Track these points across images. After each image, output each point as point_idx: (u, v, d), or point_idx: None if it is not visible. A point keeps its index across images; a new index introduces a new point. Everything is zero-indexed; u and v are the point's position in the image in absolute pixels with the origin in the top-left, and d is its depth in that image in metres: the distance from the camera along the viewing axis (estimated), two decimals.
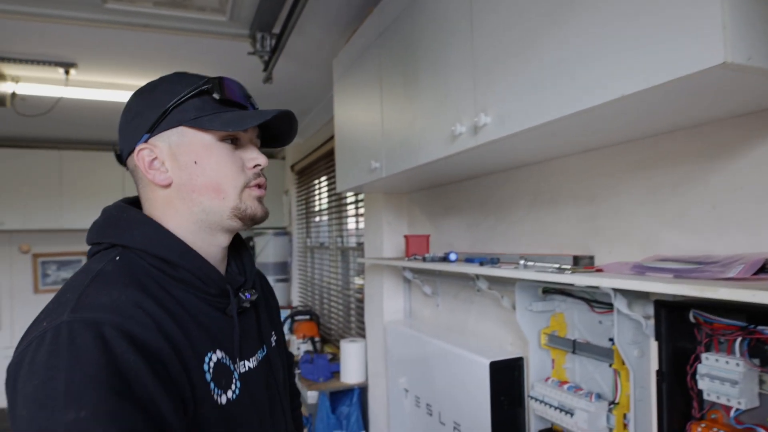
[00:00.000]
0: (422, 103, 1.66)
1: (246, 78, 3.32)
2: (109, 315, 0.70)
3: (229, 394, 0.83)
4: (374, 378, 2.93)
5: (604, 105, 0.98)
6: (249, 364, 0.92)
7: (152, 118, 0.85)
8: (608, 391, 1.46)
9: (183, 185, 0.87)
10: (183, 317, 0.80)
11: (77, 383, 0.64)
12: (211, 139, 0.87)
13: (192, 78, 0.90)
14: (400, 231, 2.74)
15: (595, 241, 1.51)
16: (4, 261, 5.42)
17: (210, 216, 0.88)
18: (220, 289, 0.88)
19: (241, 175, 0.89)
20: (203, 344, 0.82)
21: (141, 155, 0.86)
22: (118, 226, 0.85)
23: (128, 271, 0.79)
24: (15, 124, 4.43)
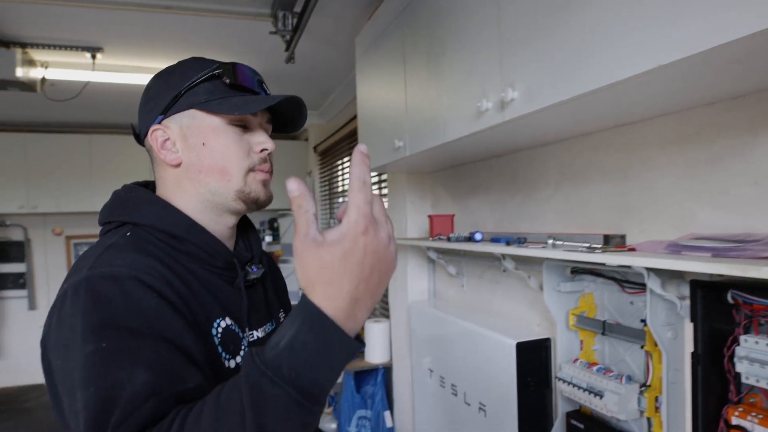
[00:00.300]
0: (447, 80, 1.61)
1: (268, 58, 3.31)
2: (124, 269, 0.73)
3: (237, 359, 0.85)
4: (398, 358, 2.93)
5: (640, 76, 0.93)
6: (258, 334, 0.95)
7: (166, 100, 0.89)
8: (639, 373, 1.42)
9: (191, 165, 0.90)
10: (193, 283, 0.83)
11: (96, 322, 0.67)
12: (220, 123, 0.89)
13: (206, 63, 0.92)
14: (423, 211, 2.71)
15: (627, 220, 1.46)
16: (39, 243, 5.55)
17: (216, 197, 0.91)
18: (227, 262, 0.91)
19: (247, 159, 0.91)
20: (212, 309, 0.84)
21: (154, 135, 0.90)
22: (127, 206, 0.89)
23: (139, 245, 0.82)
24: (46, 109, 4.49)
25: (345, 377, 2.95)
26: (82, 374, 0.65)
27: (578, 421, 1.55)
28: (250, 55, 3.23)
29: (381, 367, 3.03)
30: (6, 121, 4.95)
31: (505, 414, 1.79)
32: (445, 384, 2.24)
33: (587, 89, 1.04)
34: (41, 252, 5.55)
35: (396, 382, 2.98)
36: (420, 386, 2.53)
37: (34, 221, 5.51)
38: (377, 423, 2.91)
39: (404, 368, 2.83)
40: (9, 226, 5.43)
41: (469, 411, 2.03)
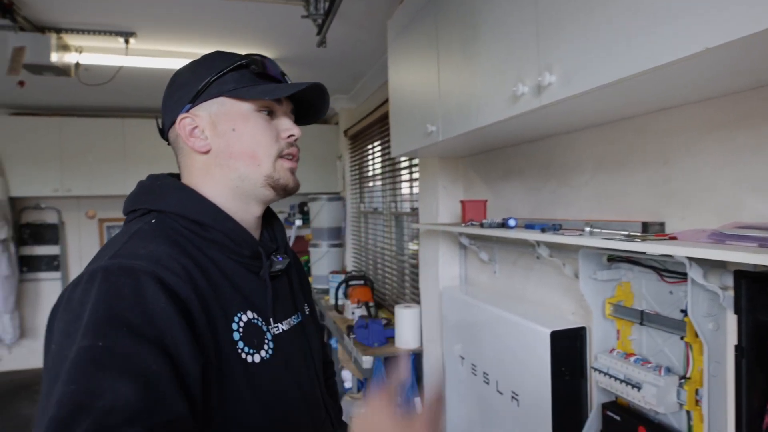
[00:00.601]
0: (481, 63, 1.58)
1: (299, 42, 3.30)
2: (144, 262, 0.73)
3: (262, 354, 0.85)
4: (429, 344, 2.93)
5: (685, 60, 0.89)
6: (283, 327, 0.94)
7: (194, 89, 0.90)
8: (678, 365, 1.38)
9: (221, 152, 0.91)
10: (215, 275, 0.83)
11: (100, 317, 0.66)
12: (248, 109, 0.91)
13: (231, 55, 0.94)
14: (455, 196, 2.68)
15: (667, 207, 1.41)
16: (73, 226, 5.69)
17: (245, 182, 0.91)
18: (253, 250, 0.91)
19: (275, 144, 0.92)
20: (234, 303, 0.84)
21: (183, 123, 0.90)
22: (152, 193, 0.89)
23: (164, 232, 0.82)
24: (80, 93, 4.58)
25: (375, 363, 2.96)
26: (69, 368, 0.63)
27: (614, 413, 1.52)
28: (282, 39, 3.23)
29: (411, 353, 3.03)
30: (41, 105, 5.06)
31: (538, 403, 1.77)
32: (476, 372, 2.22)
33: (629, 73, 1.00)
34: (75, 234, 5.69)
35: (426, 368, 2.98)
36: (451, 373, 2.52)
37: (68, 204, 5.64)
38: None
39: (435, 355, 2.83)
40: (44, 209, 5.57)
41: (501, 400, 2.01)
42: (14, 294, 5.25)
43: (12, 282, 5.22)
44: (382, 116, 3.87)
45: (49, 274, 5.60)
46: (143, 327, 0.67)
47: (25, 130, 5.04)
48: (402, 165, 3.68)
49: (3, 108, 5.14)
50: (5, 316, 5.21)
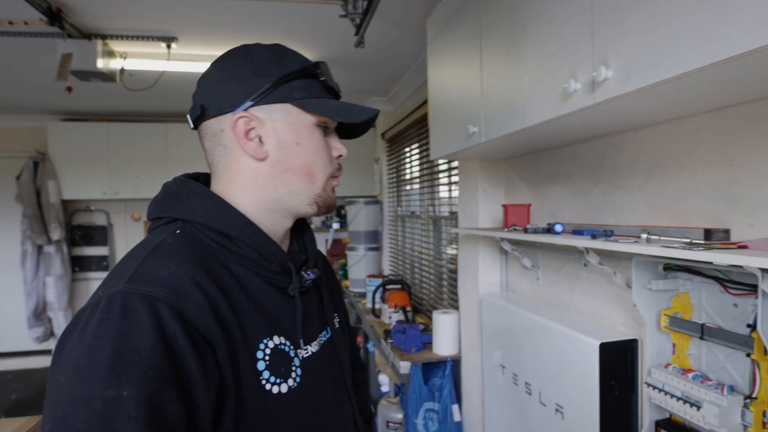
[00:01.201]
0: (529, 59, 1.50)
1: (338, 43, 3.26)
2: (165, 291, 0.67)
3: (289, 383, 0.79)
4: (468, 351, 2.84)
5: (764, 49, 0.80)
6: (311, 349, 0.88)
7: (259, 86, 0.82)
8: (743, 383, 1.28)
9: (279, 163, 0.84)
10: (240, 298, 0.77)
11: (125, 358, 0.61)
12: (312, 123, 0.85)
13: (294, 54, 0.87)
14: (497, 199, 2.60)
15: (732, 213, 1.31)
16: (120, 228, 5.83)
17: (293, 198, 0.86)
18: (282, 265, 0.84)
19: (330, 164, 0.89)
20: (259, 329, 0.78)
21: (238, 123, 0.82)
22: (178, 200, 0.82)
23: (188, 245, 0.76)
24: (126, 99, 4.67)
25: (413, 368, 2.90)
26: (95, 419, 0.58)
27: (669, 431, 1.42)
28: (319, 40, 3.20)
29: (449, 359, 2.96)
30: (90, 111, 5.19)
31: (585, 418, 1.67)
32: (518, 381, 2.14)
33: (697, 66, 0.90)
34: (122, 236, 5.82)
35: (465, 375, 2.90)
36: (491, 382, 2.44)
37: (116, 207, 5.78)
38: (445, 416, 2.85)
39: (474, 362, 2.74)
40: (93, 211, 5.73)
41: (544, 411, 1.92)
42: (67, 292, 5.42)
43: (65, 281, 5.39)
44: (420, 118, 3.81)
45: (98, 273, 5.76)
46: (168, 371, 0.63)
47: (75, 135, 5.20)
48: (440, 168, 3.61)
49: (55, 114, 5.30)
50: (59, 314, 5.37)
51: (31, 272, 5.23)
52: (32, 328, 5.29)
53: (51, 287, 5.30)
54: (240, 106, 0.82)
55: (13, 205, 5.22)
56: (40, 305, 5.31)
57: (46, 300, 5.34)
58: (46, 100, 4.73)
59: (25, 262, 5.21)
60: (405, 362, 2.90)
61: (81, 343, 0.63)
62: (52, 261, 5.29)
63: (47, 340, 5.43)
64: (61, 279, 5.32)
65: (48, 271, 5.30)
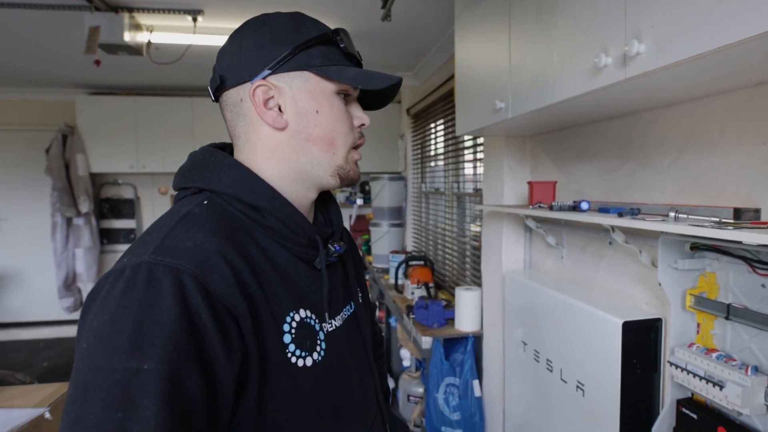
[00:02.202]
0: (559, 33, 1.47)
1: (363, 16, 3.23)
2: (191, 264, 0.67)
3: (315, 356, 0.79)
4: (490, 328, 2.86)
5: None
6: (336, 323, 0.88)
7: (277, 54, 0.81)
8: (767, 364, 1.27)
9: (299, 132, 0.83)
10: (267, 271, 0.76)
11: (147, 330, 0.61)
12: (332, 90, 0.84)
13: (314, 22, 0.86)
14: (522, 177, 2.58)
15: (763, 192, 1.28)
16: (147, 201, 5.93)
17: (315, 168, 0.85)
18: (309, 239, 0.83)
19: (351, 133, 0.88)
20: (286, 303, 0.78)
21: (257, 91, 0.81)
22: (206, 170, 0.81)
23: (215, 216, 0.76)
24: (152, 72, 4.71)
25: (434, 344, 2.92)
26: (115, 390, 0.58)
27: (690, 411, 1.42)
28: (345, 13, 3.17)
29: (471, 335, 2.97)
30: (117, 84, 5.25)
31: (606, 396, 1.68)
32: (539, 358, 2.14)
33: (736, 39, 0.88)
34: (149, 209, 5.92)
35: (486, 352, 2.92)
36: (512, 358, 2.45)
37: (143, 180, 5.87)
38: (465, 391, 2.87)
39: (495, 339, 2.76)
40: (121, 184, 5.82)
41: (565, 389, 1.93)
42: (96, 264, 5.56)
43: (94, 253, 5.52)
44: (446, 94, 3.78)
45: (126, 246, 5.82)
46: (189, 345, 0.63)
47: (103, 109, 5.26)
48: (466, 144, 3.59)
49: (83, 88, 5.36)
50: (89, 285, 5.52)
51: (61, 244, 5.36)
52: (62, 299, 5.44)
53: (80, 259, 5.43)
54: (258, 75, 0.81)
55: (43, 177, 5.33)
56: (70, 276, 5.45)
57: (76, 271, 5.48)
58: (75, 74, 4.78)
59: (55, 233, 5.34)
60: (427, 338, 2.93)
61: (104, 311, 0.63)
62: (81, 233, 5.41)
63: (77, 310, 5.58)
64: (89, 251, 5.45)
65: (77, 243, 5.42)
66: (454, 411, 2.88)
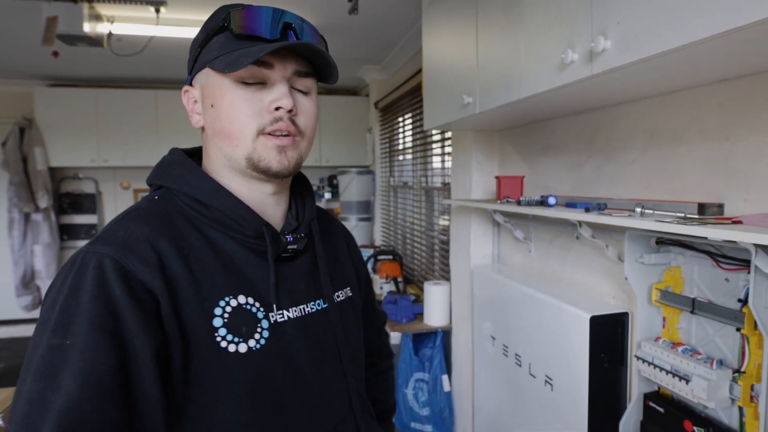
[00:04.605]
0: (526, 29, 1.46)
1: (330, 9, 3.18)
2: (114, 250, 0.72)
3: (251, 343, 0.78)
4: (458, 322, 2.86)
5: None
6: (289, 314, 0.85)
7: (191, 58, 0.85)
8: (732, 357, 1.29)
9: (208, 129, 0.84)
10: (204, 259, 0.79)
11: (72, 311, 0.68)
12: (227, 81, 0.79)
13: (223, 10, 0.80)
14: (490, 171, 2.58)
15: (726, 187, 1.30)
16: (109, 196, 5.76)
17: (232, 163, 0.83)
18: (256, 230, 0.83)
19: (254, 120, 0.79)
20: (222, 288, 0.78)
21: (185, 98, 0.87)
22: (163, 168, 0.86)
23: (159, 210, 0.81)
24: (114, 64, 4.56)
25: (403, 339, 2.92)
26: (40, 364, 0.66)
27: (657, 404, 1.43)
28: (311, 6, 3.12)
29: (440, 330, 2.98)
30: (77, 76, 5.08)
31: (574, 390, 1.69)
32: (508, 353, 2.15)
33: (698, 38, 0.88)
34: (111, 204, 5.76)
35: (455, 346, 2.92)
36: (481, 353, 2.46)
37: (105, 174, 5.70)
38: (434, 387, 2.88)
39: (464, 333, 2.76)
40: (82, 179, 5.65)
41: (534, 383, 1.94)
42: (56, 261, 5.38)
43: (54, 249, 5.34)
44: (414, 87, 3.76)
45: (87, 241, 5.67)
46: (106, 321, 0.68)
47: (62, 101, 5.08)
48: (434, 138, 3.58)
49: (41, 79, 5.18)
50: (48, 282, 5.33)
51: (19, 240, 5.18)
52: (20, 297, 5.26)
53: (39, 256, 5.26)
54: (188, 81, 0.86)
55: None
56: (28, 274, 5.28)
57: (34, 268, 5.30)
58: (32, 65, 4.61)
59: (12, 230, 5.16)
60: (395, 333, 2.92)
61: (47, 299, 0.71)
62: (39, 229, 5.23)
63: (36, 308, 5.41)
64: (49, 247, 5.28)
65: (36, 240, 5.25)
66: (424, 406, 2.88)
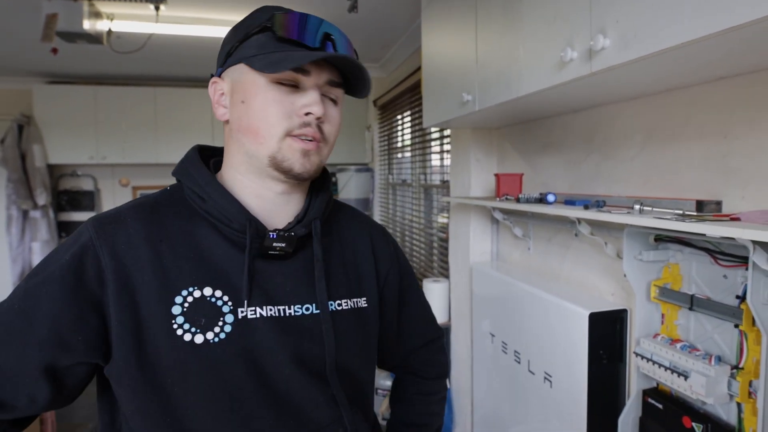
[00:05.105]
0: (525, 27, 1.47)
1: (328, 7, 3.18)
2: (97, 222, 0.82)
3: (209, 336, 0.80)
4: (457, 320, 2.87)
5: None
6: (262, 312, 0.84)
7: (225, 51, 0.87)
8: (730, 354, 1.29)
9: (234, 123, 0.87)
10: (179, 248, 0.83)
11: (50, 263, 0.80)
12: (263, 80, 0.82)
13: (262, 13, 0.85)
14: (489, 169, 2.59)
15: (724, 185, 1.31)
16: (108, 193, 5.75)
17: (253, 160, 0.86)
18: (241, 224, 0.84)
19: (284, 122, 0.82)
20: (187, 277, 0.81)
21: (212, 89, 0.89)
22: (179, 163, 0.92)
23: (161, 198, 0.88)
24: (114, 62, 4.54)
25: None
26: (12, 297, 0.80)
27: (656, 401, 1.44)
28: (311, 2, 3.12)
29: None
30: (76, 74, 5.07)
31: (573, 386, 1.70)
32: (507, 350, 2.16)
33: (696, 36, 0.88)
34: (110, 201, 5.74)
35: (454, 343, 2.93)
36: (480, 350, 2.46)
37: (103, 172, 5.68)
38: None
39: (463, 330, 2.77)
40: (80, 176, 5.63)
41: (533, 380, 1.95)
42: None
43: (51, 246, 5.31)
44: (413, 85, 3.76)
45: None
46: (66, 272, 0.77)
47: (61, 99, 5.06)
48: (433, 136, 3.58)
49: (40, 76, 5.16)
50: None
51: (17, 237, 5.17)
52: None
53: (37, 253, 5.24)
54: (216, 73, 0.89)
55: None
56: (26, 271, 5.26)
57: (32, 265, 5.29)
58: (31, 62, 4.60)
59: (11, 227, 5.15)
60: None
61: None
62: (38, 226, 5.22)
63: None
64: (47, 244, 5.26)
65: (34, 237, 5.24)
66: None
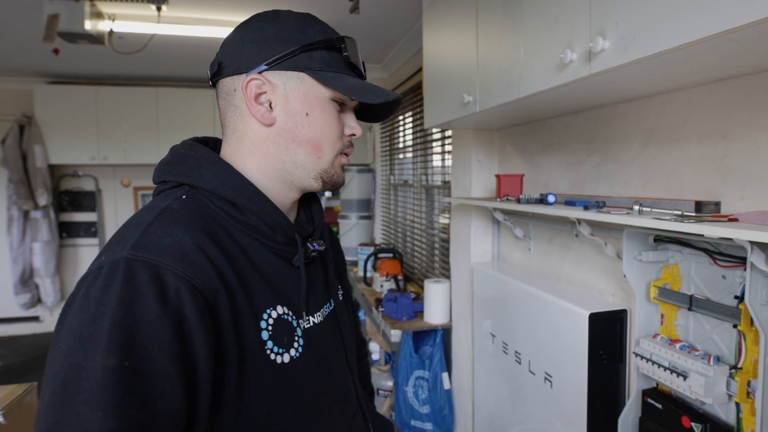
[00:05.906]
0: (526, 28, 1.48)
1: (331, 8, 3.20)
2: (171, 260, 0.66)
3: (291, 353, 0.79)
4: (459, 320, 2.87)
5: None
6: (314, 320, 0.87)
7: (277, 51, 0.81)
8: (729, 354, 1.30)
9: (286, 131, 0.83)
10: (245, 267, 0.76)
11: (127, 328, 0.60)
12: (326, 96, 0.83)
13: (323, 26, 0.85)
14: (490, 169, 2.59)
15: (723, 186, 1.31)
16: (109, 194, 5.77)
17: (297, 170, 0.84)
18: (288, 236, 0.83)
19: (340, 141, 0.87)
20: (263, 299, 0.77)
21: (250, 84, 0.81)
22: (186, 164, 0.81)
23: (193, 212, 0.75)
24: (115, 62, 4.57)
25: (404, 337, 2.93)
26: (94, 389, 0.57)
27: (655, 400, 1.45)
28: (313, 4, 3.13)
29: (440, 328, 2.99)
30: (77, 74, 5.09)
31: (573, 387, 1.70)
32: (508, 350, 2.17)
33: (695, 38, 0.89)
34: (111, 202, 5.77)
35: (455, 344, 2.94)
36: (481, 350, 2.47)
37: (105, 172, 5.71)
38: (435, 384, 2.89)
39: (464, 331, 2.78)
40: (81, 176, 5.65)
41: (533, 380, 1.96)
42: (55, 259, 5.39)
43: (53, 247, 5.35)
44: (415, 86, 3.77)
45: (87, 240, 5.70)
46: (170, 344, 0.62)
47: (62, 99, 5.09)
48: (434, 137, 3.59)
49: (42, 77, 5.19)
50: (47, 280, 5.35)
51: (18, 238, 5.19)
52: (19, 295, 5.27)
53: (38, 253, 5.26)
54: (254, 69, 0.81)
55: None
56: (27, 271, 5.28)
57: (33, 266, 5.31)
58: (33, 62, 4.62)
59: (11, 227, 5.16)
60: (396, 330, 2.93)
61: (83, 311, 0.61)
62: (38, 227, 5.24)
63: (34, 306, 5.43)
64: (48, 245, 5.28)
65: (35, 237, 5.25)
66: (424, 404, 2.89)
